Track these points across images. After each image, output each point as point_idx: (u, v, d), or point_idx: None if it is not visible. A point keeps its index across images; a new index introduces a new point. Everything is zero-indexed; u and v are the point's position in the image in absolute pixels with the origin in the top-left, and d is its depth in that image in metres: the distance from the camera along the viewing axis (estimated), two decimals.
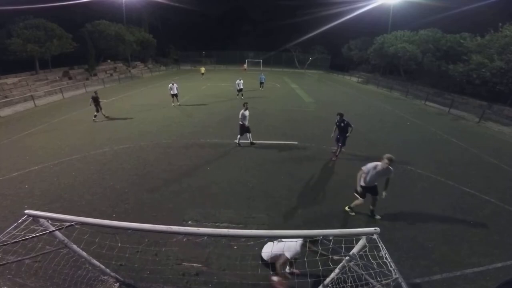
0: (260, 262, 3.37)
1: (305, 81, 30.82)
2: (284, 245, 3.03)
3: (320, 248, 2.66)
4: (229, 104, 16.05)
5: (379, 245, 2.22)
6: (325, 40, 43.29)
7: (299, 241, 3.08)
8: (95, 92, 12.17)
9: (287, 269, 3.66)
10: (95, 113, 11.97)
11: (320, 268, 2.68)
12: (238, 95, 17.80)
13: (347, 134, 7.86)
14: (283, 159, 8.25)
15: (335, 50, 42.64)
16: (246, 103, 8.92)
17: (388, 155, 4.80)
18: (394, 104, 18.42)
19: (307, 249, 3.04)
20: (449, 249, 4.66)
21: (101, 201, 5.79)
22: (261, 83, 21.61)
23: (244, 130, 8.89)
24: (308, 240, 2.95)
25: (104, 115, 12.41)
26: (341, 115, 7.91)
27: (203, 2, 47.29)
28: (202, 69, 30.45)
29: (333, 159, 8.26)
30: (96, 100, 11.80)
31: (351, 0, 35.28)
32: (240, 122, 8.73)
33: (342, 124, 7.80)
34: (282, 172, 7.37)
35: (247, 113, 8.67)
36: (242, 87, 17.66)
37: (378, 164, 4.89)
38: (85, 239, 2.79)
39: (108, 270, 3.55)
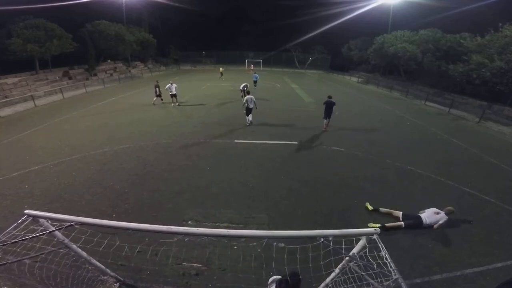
0: None
1: (305, 81, 30.80)
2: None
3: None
4: (229, 104, 16.04)
5: (379, 245, 2.22)
6: (325, 40, 43.23)
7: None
8: (157, 81, 15.42)
9: None
10: (161, 98, 15.25)
11: (323, 269, 2.68)
12: (242, 97, 17.01)
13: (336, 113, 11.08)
14: (283, 159, 8.25)
15: (335, 50, 42.59)
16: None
17: (451, 208, 5.20)
18: (394, 104, 18.41)
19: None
20: (449, 249, 4.67)
21: (101, 201, 5.80)
22: (255, 81, 22.21)
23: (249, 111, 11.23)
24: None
25: (162, 100, 15.37)
26: (330, 97, 10.64)
27: (203, 2, 47.26)
28: (221, 69, 29.25)
29: (323, 130, 11.11)
30: (155, 87, 14.87)
31: (351, 0, 35.28)
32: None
33: (330, 104, 10.57)
34: (282, 172, 7.37)
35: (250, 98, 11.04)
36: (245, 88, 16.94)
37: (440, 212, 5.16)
38: (85, 239, 2.78)
39: (108, 270, 3.55)
